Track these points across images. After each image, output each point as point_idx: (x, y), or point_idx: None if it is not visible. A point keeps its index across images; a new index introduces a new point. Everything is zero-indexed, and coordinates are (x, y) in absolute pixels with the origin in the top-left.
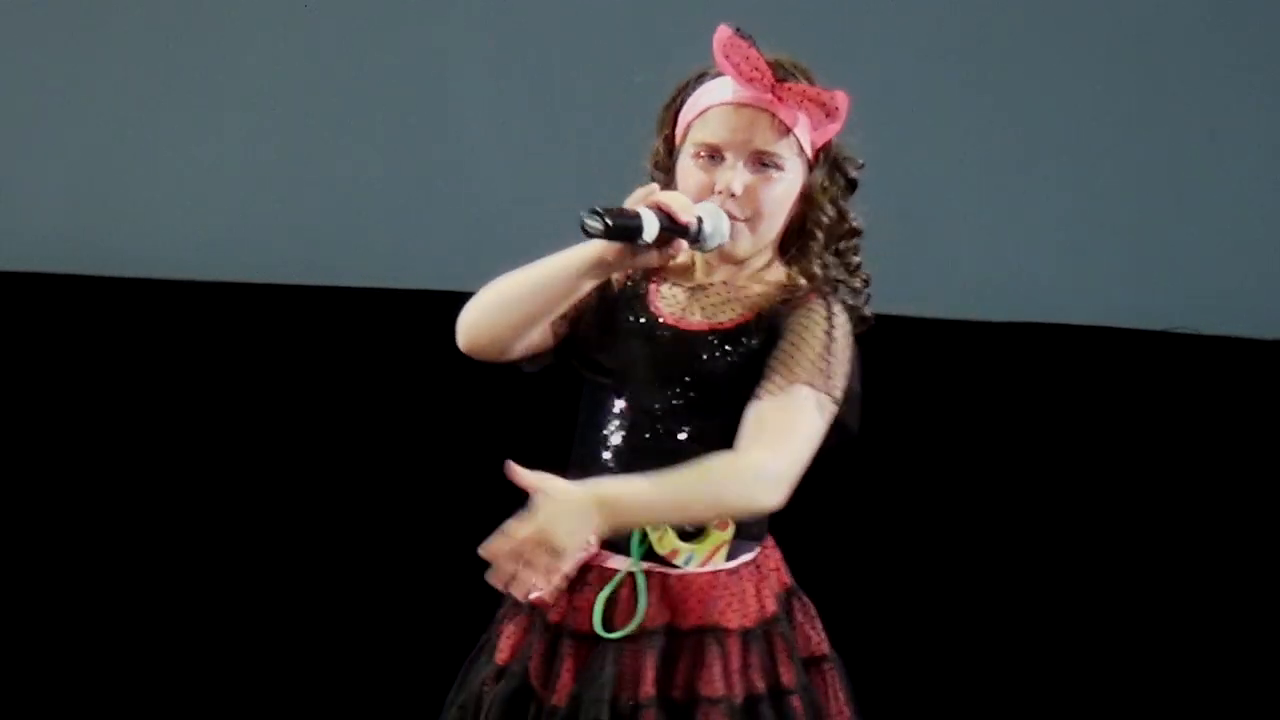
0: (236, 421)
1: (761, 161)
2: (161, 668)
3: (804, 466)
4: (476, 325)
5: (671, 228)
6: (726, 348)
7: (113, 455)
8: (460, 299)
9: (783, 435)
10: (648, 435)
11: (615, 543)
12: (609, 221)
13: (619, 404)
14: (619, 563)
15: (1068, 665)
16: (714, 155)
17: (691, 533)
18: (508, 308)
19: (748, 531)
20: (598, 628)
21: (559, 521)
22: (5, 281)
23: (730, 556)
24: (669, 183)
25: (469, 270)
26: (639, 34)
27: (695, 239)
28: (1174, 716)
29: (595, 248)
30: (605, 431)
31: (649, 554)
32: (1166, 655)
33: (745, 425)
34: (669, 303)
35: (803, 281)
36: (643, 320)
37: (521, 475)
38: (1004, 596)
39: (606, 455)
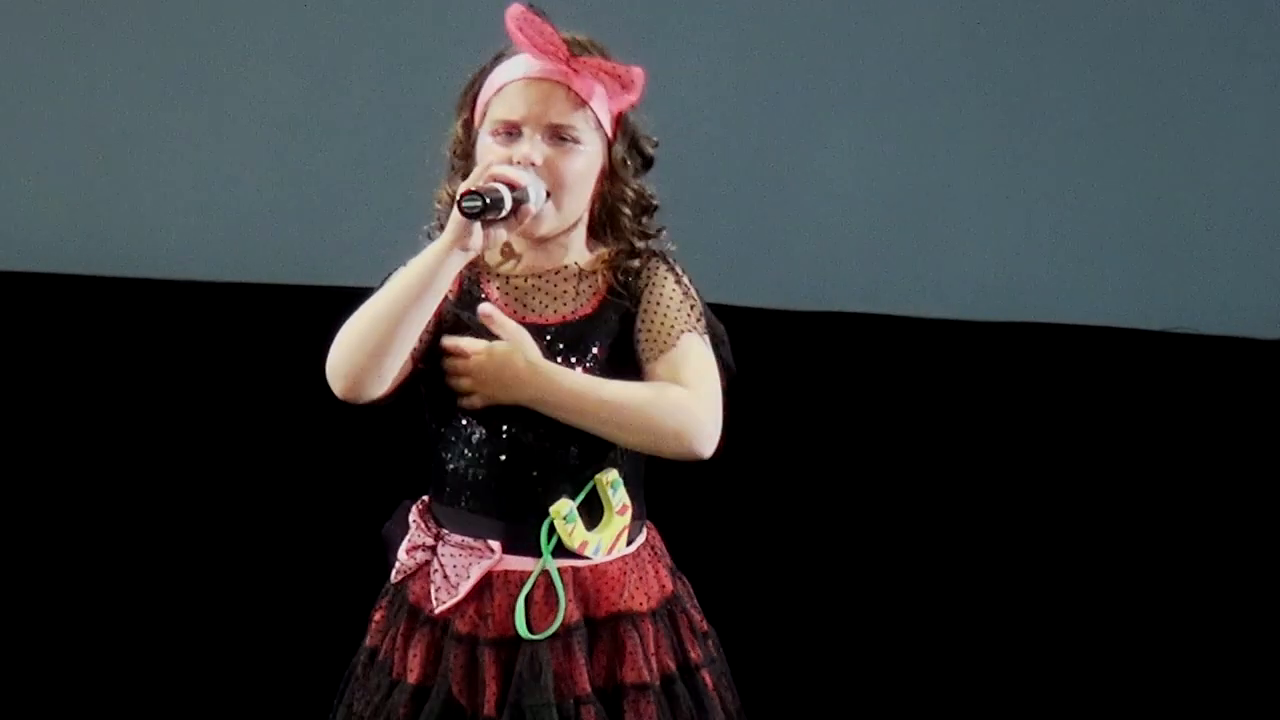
0: (236, 421)
1: (559, 135)
2: (161, 668)
3: (721, 408)
4: (353, 364)
5: (515, 193)
6: (585, 335)
7: (113, 455)
8: None
9: (698, 384)
10: (516, 436)
11: (517, 545)
12: (486, 199)
13: (482, 418)
14: (524, 564)
15: (1068, 665)
16: (511, 131)
17: (594, 523)
18: (381, 335)
19: (638, 513)
20: (522, 630)
21: (497, 365)
22: (5, 281)
23: (629, 540)
24: (469, 168)
25: None
26: (640, 34)
27: (526, 201)
28: (1174, 716)
29: (445, 241)
30: (468, 439)
31: (558, 549)
32: (1166, 655)
33: (664, 379)
34: (512, 299)
35: (633, 261)
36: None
37: (496, 317)
38: (1005, 596)
39: (476, 467)
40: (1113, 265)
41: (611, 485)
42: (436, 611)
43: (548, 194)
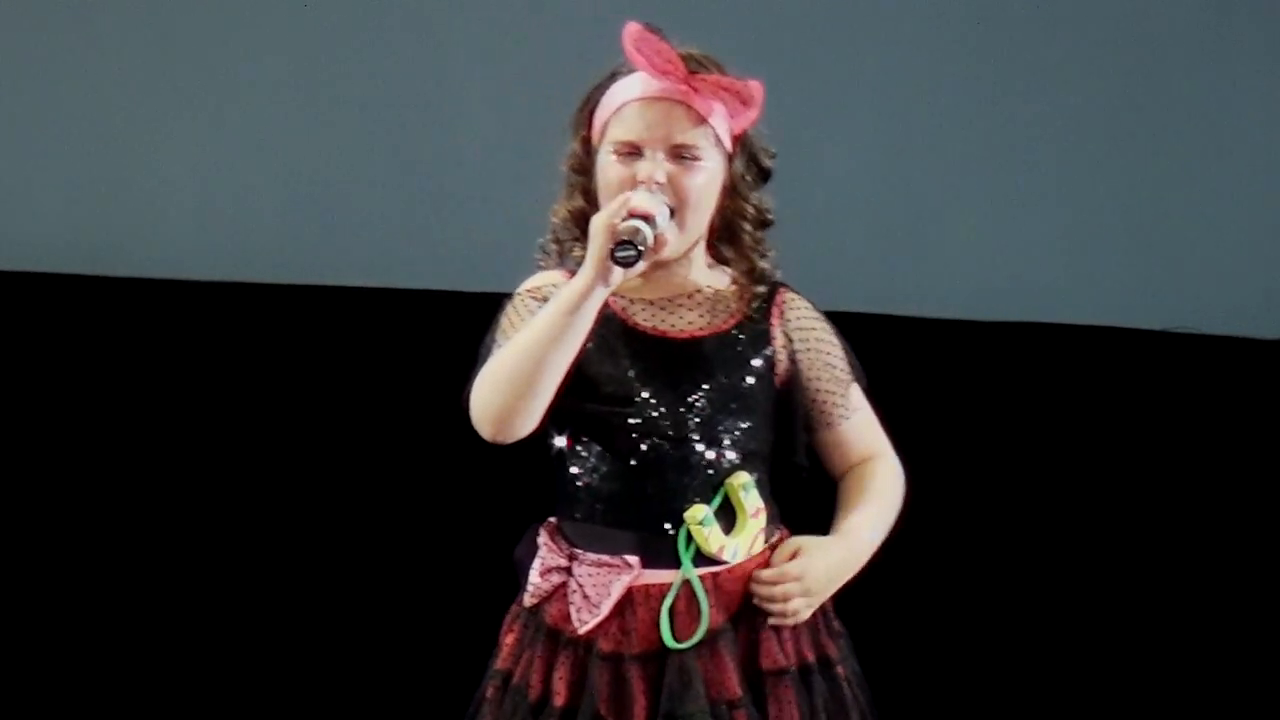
0: (237, 421)
1: (680, 154)
2: (162, 668)
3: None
4: (502, 407)
5: (652, 225)
6: (730, 348)
7: (113, 455)
8: (460, 299)
9: (882, 440)
10: (646, 446)
11: (654, 558)
12: (638, 247)
13: (618, 431)
14: (661, 576)
15: (1067, 664)
16: (633, 151)
17: (729, 527)
18: (529, 376)
19: (772, 515)
20: (668, 641)
21: (820, 569)
22: (5, 281)
23: (765, 541)
24: (588, 184)
25: (469, 270)
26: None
27: (658, 229)
28: (1174, 716)
29: (587, 280)
30: (598, 454)
31: (696, 556)
32: (1166, 655)
33: (845, 446)
34: (650, 316)
35: (759, 286)
36: (620, 338)
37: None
38: (1005, 596)
39: (608, 481)
40: (1113, 265)
41: (744, 488)
42: (581, 632)
43: (671, 211)
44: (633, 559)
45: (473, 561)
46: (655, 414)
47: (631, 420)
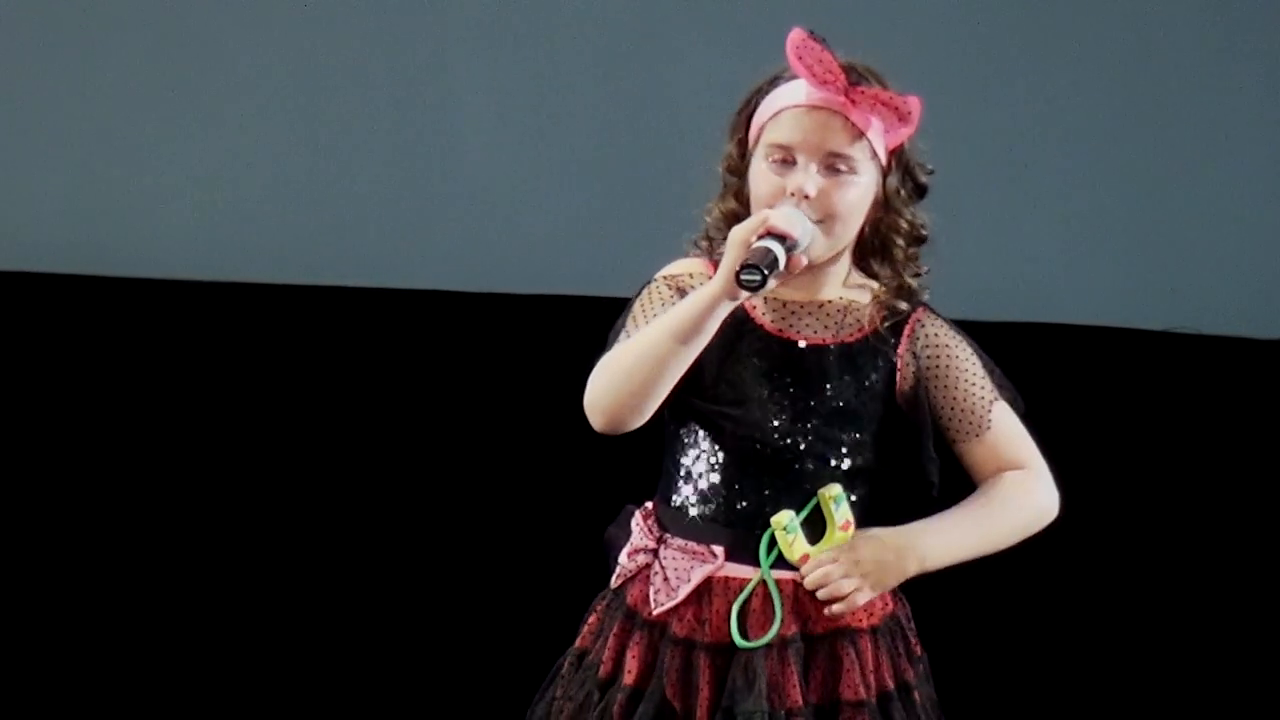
0: (237, 422)
1: (834, 165)
2: (162, 668)
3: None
4: (616, 401)
5: (786, 244)
6: (852, 361)
7: (113, 455)
8: (459, 299)
9: (1028, 459)
10: (754, 445)
11: (741, 553)
12: (764, 271)
13: (727, 427)
14: (744, 571)
15: (1067, 664)
16: (786, 159)
17: (817, 537)
18: (646, 376)
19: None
20: (736, 638)
21: (871, 554)
22: (5, 281)
23: None
24: (741, 187)
25: (469, 270)
26: (640, 34)
27: (797, 249)
28: (1174, 716)
29: (715, 292)
30: (706, 444)
31: (778, 561)
32: (1166, 655)
33: (981, 462)
34: (779, 319)
35: (901, 303)
36: (751, 340)
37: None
38: (1005, 596)
39: (710, 472)
40: (1113, 265)
41: (835, 500)
42: (655, 613)
43: (819, 221)
44: (719, 549)
45: (473, 563)
46: (764, 416)
47: (740, 420)
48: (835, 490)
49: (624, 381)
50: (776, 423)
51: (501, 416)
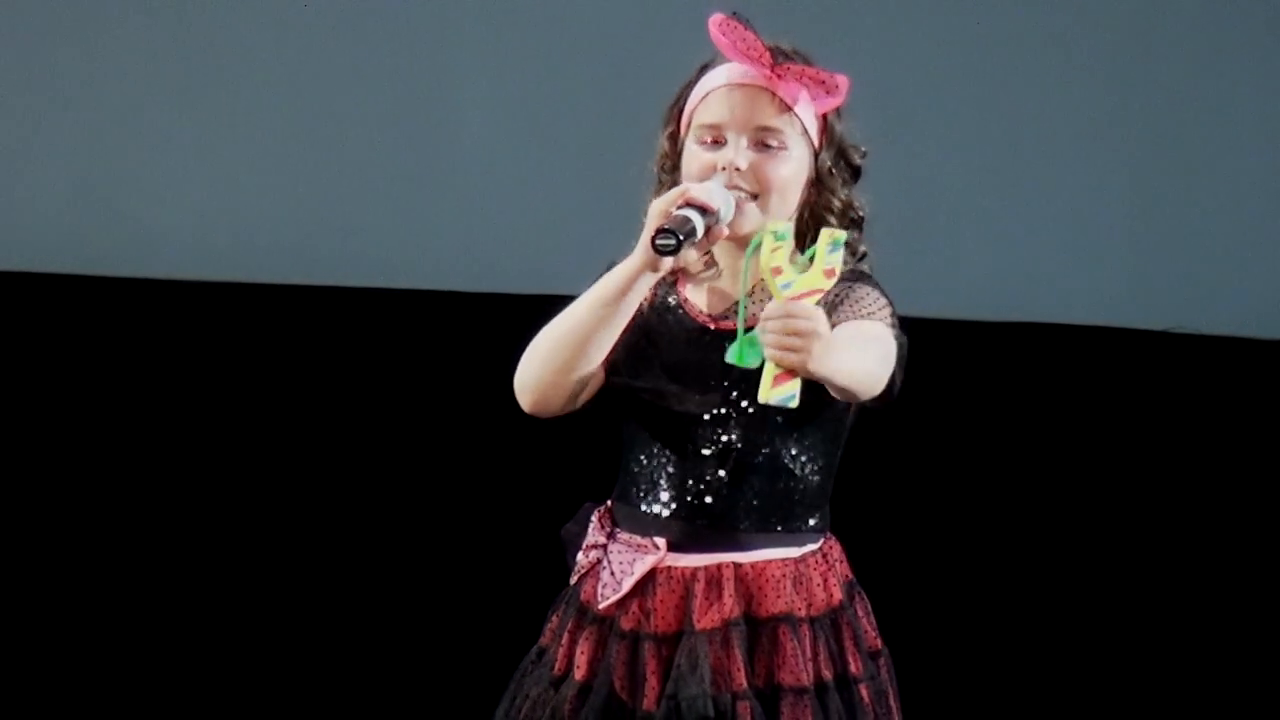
0: (237, 421)
1: (764, 140)
2: (161, 668)
3: (889, 375)
4: (541, 380)
5: (706, 216)
6: None
7: (113, 454)
8: (459, 299)
9: (865, 345)
10: (704, 438)
11: (685, 544)
12: (679, 236)
13: (671, 416)
14: (689, 560)
15: (1067, 664)
16: (717, 139)
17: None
18: (570, 352)
19: (820, 524)
20: (734, 358)
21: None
22: (5, 282)
23: (797, 542)
24: (676, 180)
25: (468, 270)
26: (639, 33)
27: (718, 222)
28: (1174, 716)
29: (635, 263)
30: (657, 439)
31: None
32: (1166, 655)
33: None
34: (709, 306)
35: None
36: (687, 330)
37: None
38: (1006, 595)
39: (659, 469)
40: (1113, 265)
41: (833, 243)
42: (601, 607)
43: (754, 196)
44: (661, 541)
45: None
46: (701, 405)
47: (684, 413)
48: (839, 235)
49: (549, 358)
50: (713, 413)
51: (501, 416)
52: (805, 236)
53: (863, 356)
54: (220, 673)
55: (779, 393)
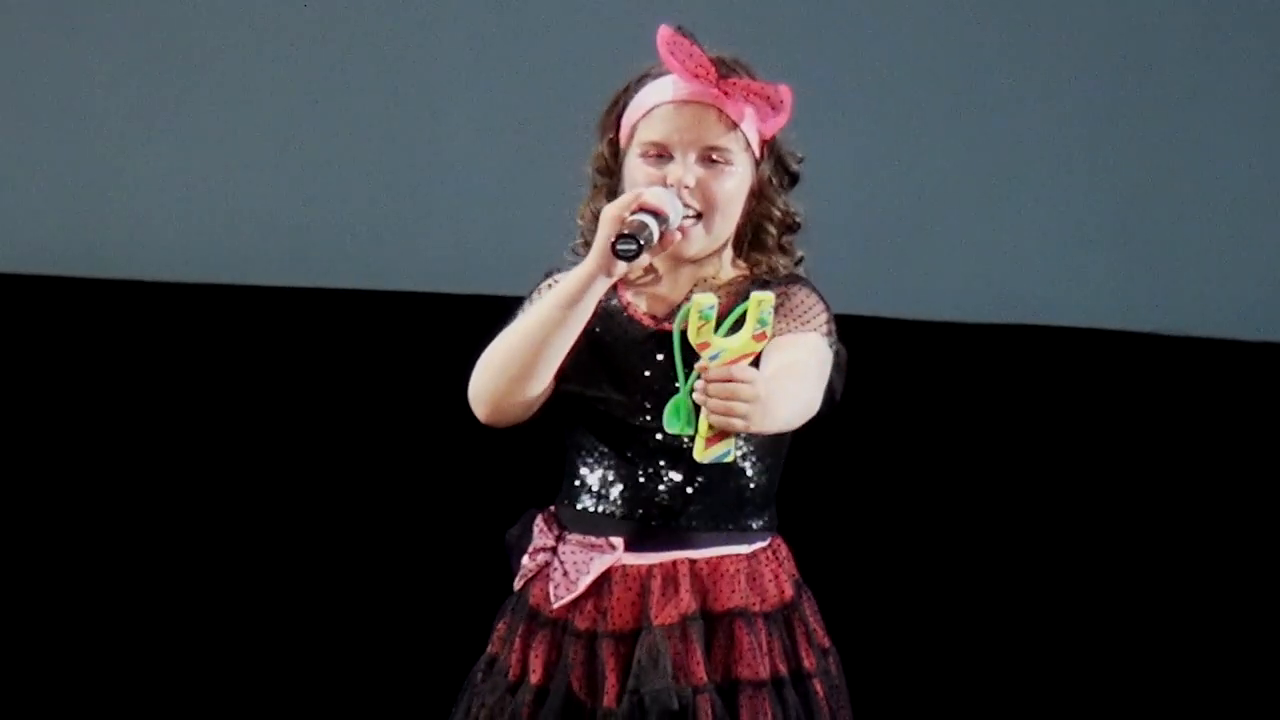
0: (233, 423)
1: (711, 158)
2: (161, 668)
3: (827, 390)
4: (496, 390)
5: (660, 222)
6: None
7: (109, 456)
8: (453, 301)
9: (787, 375)
10: (649, 440)
11: (639, 544)
12: (639, 240)
13: (621, 418)
14: (645, 559)
15: (1064, 665)
16: (662, 154)
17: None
18: (525, 361)
19: (768, 523)
20: (680, 381)
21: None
22: (3, 283)
23: (747, 541)
24: (614, 186)
25: (461, 272)
26: (632, 37)
27: (669, 228)
28: (1174, 716)
29: (589, 269)
30: (604, 445)
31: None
32: (1165, 656)
33: (768, 367)
34: (650, 308)
35: (768, 280)
36: (633, 334)
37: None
38: (1001, 597)
39: (607, 471)
40: (1107, 268)
41: (763, 307)
42: (555, 607)
43: (699, 215)
44: (617, 541)
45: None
46: (644, 408)
47: (633, 416)
48: (769, 300)
49: (504, 367)
50: (655, 415)
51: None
52: (744, 244)
53: (799, 394)
54: (211, 671)
55: (714, 452)
